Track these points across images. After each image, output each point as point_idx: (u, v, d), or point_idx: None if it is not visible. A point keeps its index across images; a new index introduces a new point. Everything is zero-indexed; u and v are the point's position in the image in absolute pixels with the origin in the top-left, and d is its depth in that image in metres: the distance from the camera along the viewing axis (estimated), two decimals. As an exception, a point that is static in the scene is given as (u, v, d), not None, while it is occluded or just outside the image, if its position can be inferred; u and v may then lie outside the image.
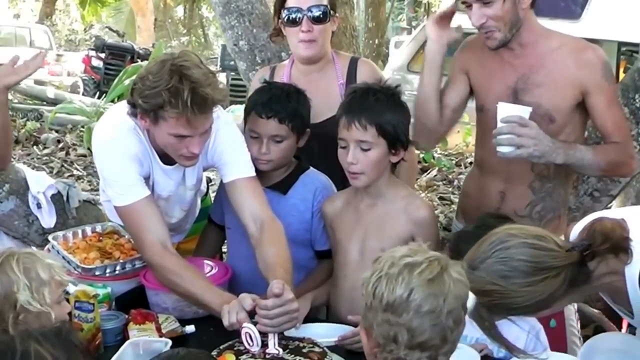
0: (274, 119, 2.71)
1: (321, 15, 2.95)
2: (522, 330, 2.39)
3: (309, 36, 2.94)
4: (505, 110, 2.48)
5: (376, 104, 2.51)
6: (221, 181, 2.76)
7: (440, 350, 1.63)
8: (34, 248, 2.73)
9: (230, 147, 2.65)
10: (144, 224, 2.52)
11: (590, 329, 3.46)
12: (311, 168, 2.86)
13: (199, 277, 2.49)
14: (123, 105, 2.54)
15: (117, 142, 2.55)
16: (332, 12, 2.99)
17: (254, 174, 2.66)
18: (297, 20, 2.94)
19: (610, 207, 4.12)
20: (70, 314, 2.25)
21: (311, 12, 2.93)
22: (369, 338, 1.67)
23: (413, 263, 1.62)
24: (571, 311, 2.81)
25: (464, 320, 1.66)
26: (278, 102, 2.74)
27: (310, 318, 2.57)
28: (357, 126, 2.48)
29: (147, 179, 2.61)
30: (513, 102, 2.58)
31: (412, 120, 2.68)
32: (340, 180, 2.76)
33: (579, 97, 2.57)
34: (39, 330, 1.65)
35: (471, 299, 1.72)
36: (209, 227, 3.06)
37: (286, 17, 2.97)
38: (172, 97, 2.31)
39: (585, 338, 2.58)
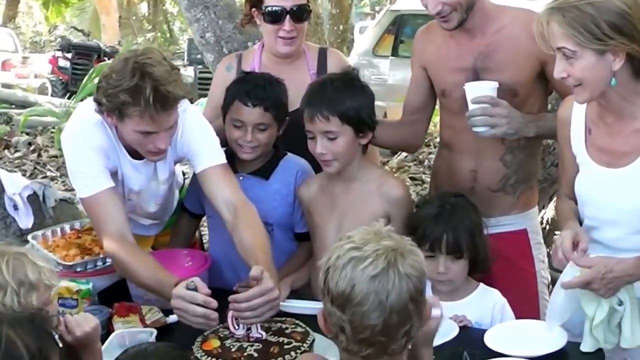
0: (259, 107, 2.74)
1: (303, 14, 2.95)
2: (487, 305, 2.49)
3: (290, 34, 2.94)
4: (473, 90, 2.52)
5: (335, 93, 2.54)
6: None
7: (389, 345, 1.60)
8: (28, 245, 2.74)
9: (198, 137, 2.68)
10: (104, 214, 2.55)
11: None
12: (289, 153, 2.90)
13: (150, 266, 2.47)
14: (90, 102, 2.57)
15: (83, 134, 2.58)
16: (309, 7, 3.00)
17: (224, 161, 2.69)
18: (279, 18, 2.92)
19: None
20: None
21: (294, 11, 2.92)
22: (326, 323, 1.67)
23: (359, 257, 1.59)
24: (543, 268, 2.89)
25: (414, 316, 1.61)
26: (262, 91, 2.76)
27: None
28: (319, 118, 2.51)
29: (115, 174, 2.64)
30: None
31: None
32: (316, 166, 2.78)
33: (537, 68, 2.62)
34: (12, 315, 1.64)
35: None
36: (182, 215, 3.07)
37: (266, 13, 2.94)
38: (134, 96, 2.34)
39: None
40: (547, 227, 4.15)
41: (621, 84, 2.16)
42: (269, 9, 2.92)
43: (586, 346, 2.24)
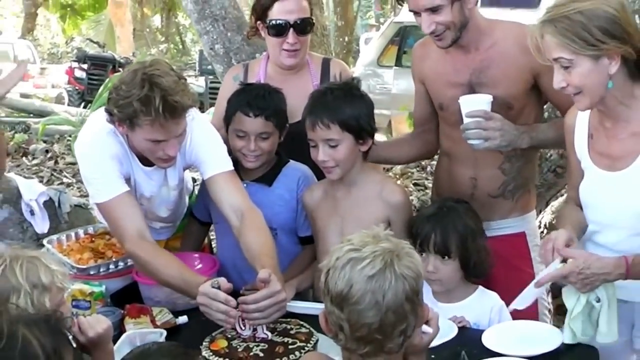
0: (260, 117, 2.81)
1: (306, 27, 3.00)
2: (485, 307, 2.54)
3: (294, 47, 2.99)
4: (468, 103, 2.56)
5: (335, 101, 2.60)
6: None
7: (386, 344, 1.66)
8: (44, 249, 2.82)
9: (206, 145, 2.75)
10: (122, 216, 2.62)
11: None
12: (291, 161, 2.97)
13: (175, 265, 2.55)
14: (102, 112, 2.65)
15: (97, 142, 2.66)
16: (313, 20, 3.05)
17: (231, 167, 2.76)
18: (283, 31, 2.97)
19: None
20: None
21: (297, 24, 2.97)
22: (326, 322, 1.74)
23: (357, 258, 1.65)
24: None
25: (409, 315, 1.66)
26: (263, 101, 2.83)
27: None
28: (320, 126, 2.58)
29: (128, 180, 2.72)
30: None
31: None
32: (319, 173, 2.84)
33: (531, 81, 2.66)
34: (28, 315, 1.68)
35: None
36: (192, 222, 3.15)
37: (270, 27, 2.99)
38: (144, 106, 2.42)
39: (558, 308, 2.72)
40: (545, 230, 4.20)
41: (617, 87, 2.21)
42: (273, 22, 2.98)
43: (566, 338, 2.29)
